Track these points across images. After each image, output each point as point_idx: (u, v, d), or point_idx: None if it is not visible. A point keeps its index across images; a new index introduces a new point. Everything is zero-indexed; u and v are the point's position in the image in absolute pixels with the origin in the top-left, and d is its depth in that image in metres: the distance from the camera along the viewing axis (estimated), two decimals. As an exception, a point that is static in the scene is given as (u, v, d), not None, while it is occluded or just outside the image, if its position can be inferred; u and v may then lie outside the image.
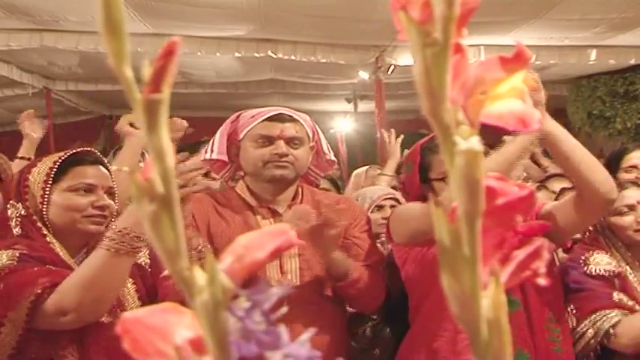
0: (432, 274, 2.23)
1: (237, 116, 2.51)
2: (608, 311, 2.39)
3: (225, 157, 2.50)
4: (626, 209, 2.54)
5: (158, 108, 0.41)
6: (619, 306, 2.39)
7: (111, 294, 1.84)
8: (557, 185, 3.47)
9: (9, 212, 2.01)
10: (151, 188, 0.42)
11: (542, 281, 0.51)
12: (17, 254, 1.85)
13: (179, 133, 3.59)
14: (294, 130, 2.41)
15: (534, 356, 2.32)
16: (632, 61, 8.17)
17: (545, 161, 4.52)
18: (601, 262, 2.49)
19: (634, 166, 3.29)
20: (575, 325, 2.43)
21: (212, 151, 2.51)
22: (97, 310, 1.82)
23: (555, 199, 3.05)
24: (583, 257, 2.52)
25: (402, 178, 2.74)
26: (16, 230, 1.98)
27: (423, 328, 2.41)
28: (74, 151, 2.06)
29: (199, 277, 0.43)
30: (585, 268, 2.48)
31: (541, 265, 0.50)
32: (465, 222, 0.42)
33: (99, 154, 2.13)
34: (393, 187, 3.72)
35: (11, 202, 2.03)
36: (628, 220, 2.53)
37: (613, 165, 3.38)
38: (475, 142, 0.42)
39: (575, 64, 8.12)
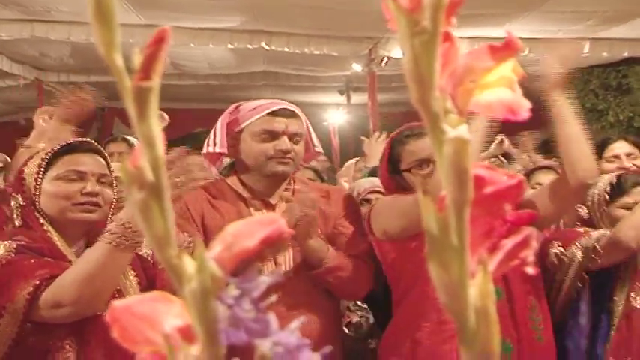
0: (415, 266, 2.25)
1: (237, 107, 2.49)
2: (591, 234, 2.45)
3: (225, 150, 2.50)
4: (634, 206, 2.53)
5: (148, 96, 0.41)
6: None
7: (109, 288, 1.84)
8: (542, 178, 3.46)
9: (12, 204, 2.02)
10: (140, 176, 0.42)
11: (530, 270, 0.51)
12: (15, 245, 1.85)
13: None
14: (296, 126, 2.42)
15: (517, 346, 2.34)
16: (625, 54, 8.16)
17: (536, 157, 4.52)
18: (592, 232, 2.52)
19: (616, 157, 3.30)
20: (563, 251, 2.46)
21: (215, 144, 2.49)
22: (95, 303, 1.81)
23: None
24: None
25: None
26: (18, 222, 1.99)
27: (407, 319, 2.42)
28: (68, 141, 2.05)
29: (188, 265, 0.43)
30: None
31: (529, 254, 0.50)
32: (453, 211, 0.43)
33: (95, 143, 2.11)
34: None
35: (13, 194, 2.04)
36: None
37: (595, 155, 3.38)
38: (464, 131, 0.42)
39: (568, 57, 8.11)
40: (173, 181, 1.80)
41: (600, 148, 3.36)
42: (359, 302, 2.93)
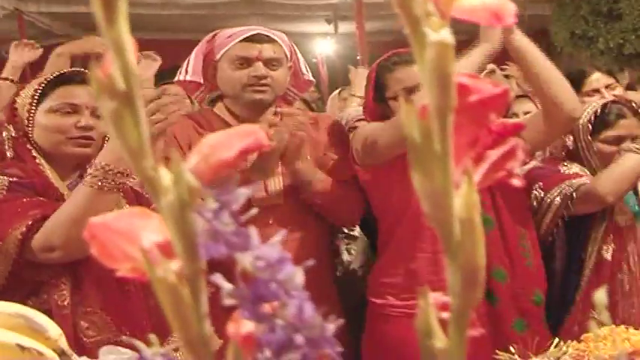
0: (403, 195, 2.26)
1: (213, 36, 2.47)
2: (574, 180, 2.45)
3: (200, 79, 2.48)
4: (614, 141, 2.51)
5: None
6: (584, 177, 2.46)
7: None
8: (522, 107, 3.44)
9: (3, 135, 2.00)
10: (111, 85, 0.40)
11: (516, 182, 0.50)
12: (7, 183, 1.83)
13: (153, 69, 3.60)
14: (272, 51, 2.38)
15: (510, 273, 2.37)
16: (617, -21, 8.08)
17: (525, 86, 4.50)
18: (574, 168, 2.52)
19: (596, 90, 3.20)
20: (543, 195, 2.47)
21: (187, 72, 2.48)
22: (85, 246, 1.80)
23: None
24: (557, 166, 2.56)
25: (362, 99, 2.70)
26: (9, 153, 1.97)
27: (399, 250, 2.43)
28: (62, 71, 2.01)
29: (165, 177, 0.42)
30: (556, 169, 2.53)
31: (515, 165, 0.50)
32: (436, 117, 0.41)
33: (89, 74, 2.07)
34: None
35: (5, 124, 2.01)
36: (615, 150, 2.51)
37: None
38: (446, 34, 0.40)
39: (558, -17, 8.01)
40: (150, 119, 1.77)
41: (577, 82, 3.32)
42: (348, 230, 2.94)
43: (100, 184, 1.74)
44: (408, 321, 2.18)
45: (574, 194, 2.40)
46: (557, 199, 2.43)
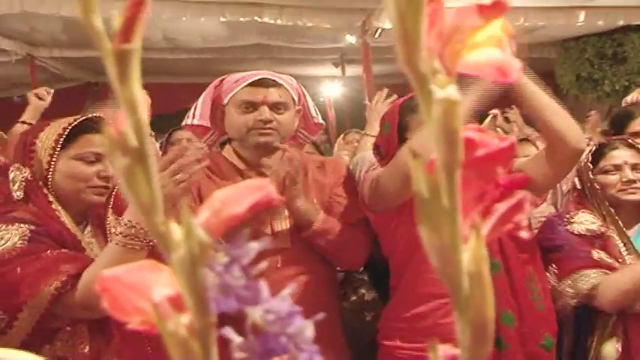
0: (411, 237, 2.24)
1: (221, 81, 2.50)
2: (588, 271, 2.41)
3: (207, 123, 2.50)
4: (612, 169, 2.55)
5: (129, 58, 0.40)
6: (598, 265, 2.42)
7: None
8: (523, 151, 3.46)
9: (11, 175, 1.97)
10: (123, 142, 0.41)
11: (524, 234, 0.50)
12: (28, 233, 1.81)
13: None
14: (277, 95, 2.40)
15: (518, 315, 2.35)
16: (621, 22, 8.14)
17: (527, 130, 4.54)
18: (585, 221, 2.51)
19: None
20: (556, 282, 2.46)
21: (194, 116, 2.51)
22: None
23: None
24: (568, 215, 2.55)
25: (377, 139, 2.66)
26: (18, 194, 1.94)
27: (407, 293, 2.42)
28: (84, 117, 2.01)
29: (176, 232, 0.43)
30: (569, 227, 2.50)
31: (523, 218, 0.50)
32: (443, 173, 0.42)
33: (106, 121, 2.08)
34: None
35: (15, 165, 1.98)
36: (613, 179, 2.54)
37: (617, 128, 3.37)
38: (452, 91, 0.41)
39: (563, 26, 8.08)
40: (174, 179, 1.78)
41: (622, 123, 3.35)
42: (358, 275, 2.93)
43: (131, 242, 1.74)
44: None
45: (584, 291, 2.40)
46: (569, 290, 2.42)
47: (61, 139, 1.94)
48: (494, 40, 0.45)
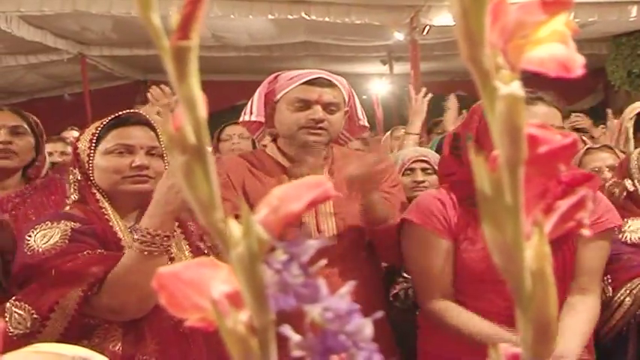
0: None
1: (276, 77, 2.50)
2: None
3: (262, 119, 2.51)
4: None
5: (187, 55, 0.40)
6: None
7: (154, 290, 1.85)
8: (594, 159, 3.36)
9: (70, 178, 2.07)
10: (182, 139, 0.41)
11: (586, 232, 0.49)
12: (69, 231, 1.87)
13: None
14: (331, 96, 2.40)
15: None
16: (674, 17, 7.97)
17: (596, 132, 4.44)
18: (637, 229, 2.46)
19: None
20: (611, 294, 2.40)
21: (251, 112, 2.51)
22: (144, 306, 1.84)
23: None
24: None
25: (455, 148, 2.42)
26: (74, 196, 2.04)
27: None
28: (117, 114, 2.06)
29: (235, 229, 0.42)
30: (621, 236, 2.45)
31: (585, 216, 0.49)
32: (506, 170, 0.41)
33: (145, 115, 2.12)
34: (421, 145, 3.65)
35: (70, 168, 2.09)
36: None
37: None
38: (516, 87, 0.40)
39: (615, 21, 7.95)
40: None
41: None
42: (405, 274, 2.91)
43: (149, 249, 1.78)
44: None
45: None
46: (628, 299, 2.36)
47: (94, 138, 2.01)
48: (557, 36, 0.44)
